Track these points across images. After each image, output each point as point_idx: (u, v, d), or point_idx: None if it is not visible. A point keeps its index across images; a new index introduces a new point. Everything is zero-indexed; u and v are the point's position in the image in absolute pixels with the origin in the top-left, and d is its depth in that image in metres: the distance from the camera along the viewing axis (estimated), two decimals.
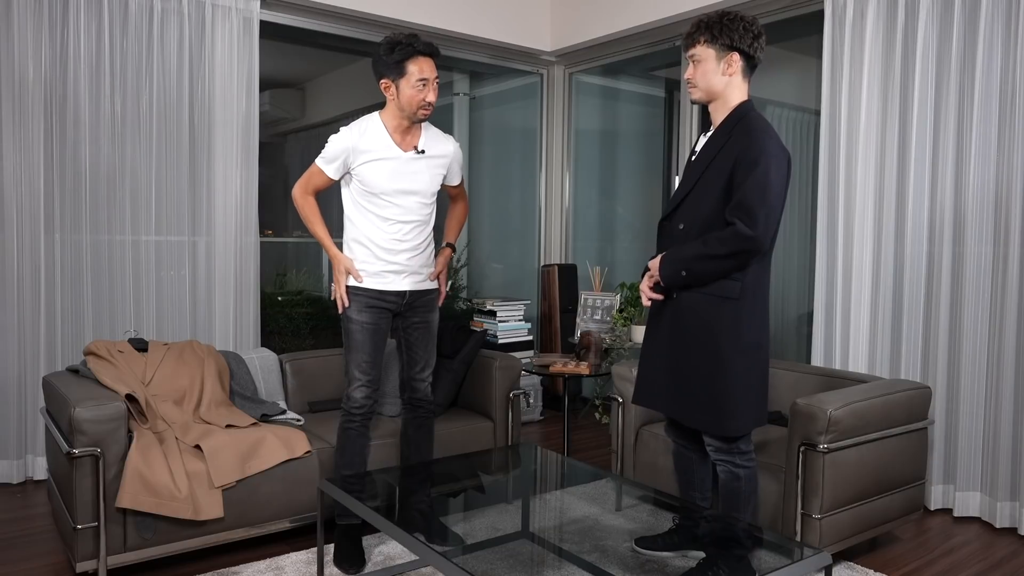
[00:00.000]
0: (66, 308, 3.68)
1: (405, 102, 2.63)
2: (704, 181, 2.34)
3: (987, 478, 3.30)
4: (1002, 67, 3.20)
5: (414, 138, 2.73)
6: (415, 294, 2.80)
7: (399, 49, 2.59)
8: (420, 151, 2.73)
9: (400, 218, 2.71)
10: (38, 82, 3.55)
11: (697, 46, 2.35)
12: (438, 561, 1.87)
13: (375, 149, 2.66)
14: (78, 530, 2.51)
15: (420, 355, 2.88)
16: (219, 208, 4.00)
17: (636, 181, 5.83)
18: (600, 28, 4.92)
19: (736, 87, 2.35)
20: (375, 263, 2.72)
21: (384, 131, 2.69)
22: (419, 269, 2.79)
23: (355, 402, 2.74)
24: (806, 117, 4.99)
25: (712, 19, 2.33)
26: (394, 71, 2.62)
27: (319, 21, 4.34)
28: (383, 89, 2.68)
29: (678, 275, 2.33)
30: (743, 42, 2.31)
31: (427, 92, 2.63)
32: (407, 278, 2.76)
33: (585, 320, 4.87)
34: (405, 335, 2.86)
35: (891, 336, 3.55)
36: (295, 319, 4.44)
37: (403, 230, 2.72)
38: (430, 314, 2.87)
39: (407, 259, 2.74)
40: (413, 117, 2.67)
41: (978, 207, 3.28)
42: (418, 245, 2.77)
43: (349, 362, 2.75)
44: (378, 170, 2.66)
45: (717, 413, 2.32)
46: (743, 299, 2.30)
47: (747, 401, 2.34)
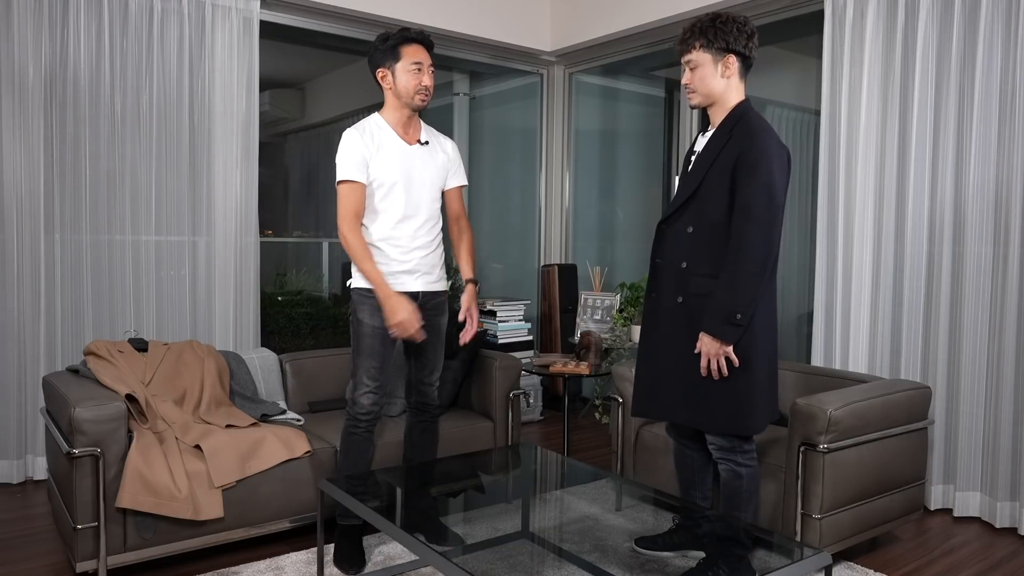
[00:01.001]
0: (66, 308, 3.68)
1: (402, 88, 2.65)
2: (708, 183, 2.34)
3: (987, 478, 3.30)
4: (1002, 67, 3.20)
5: (416, 132, 2.75)
6: (427, 295, 2.76)
7: (393, 37, 2.66)
8: (424, 142, 2.75)
9: (413, 213, 2.69)
10: (38, 82, 3.55)
11: (693, 52, 2.35)
12: (438, 561, 1.87)
13: (384, 144, 2.67)
14: (78, 530, 2.51)
15: (430, 359, 2.86)
16: (219, 208, 4.00)
17: (636, 181, 5.83)
18: (600, 28, 4.92)
19: (734, 88, 2.36)
20: (388, 264, 2.68)
21: (387, 127, 2.70)
22: (431, 269, 2.77)
23: (362, 408, 2.70)
24: (806, 117, 4.99)
25: (705, 23, 2.33)
26: (389, 57, 2.65)
27: (319, 21, 4.34)
28: (380, 80, 2.69)
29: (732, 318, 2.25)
30: (738, 43, 2.32)
31: (423, 76, 2.65)
32: (420, 278, 2.73)
33: (585, 320, 4.87)
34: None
35: (891, 336, 3.55)
36: (295, 319, 4.44)
37: (415, 225, 2.70)
38: (439, 317, 2.85)
39: (421, 257, 2.73)
40: (412, 104, 2.67)
41: (978, 207, 3.28)
42: (430, 243, 2.76)
43: (358, 366, 2.70)
44: (389, 163, 2.66)
45: (735, 414, 2.32)
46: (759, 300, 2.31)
47: (764, 399, 2.36)
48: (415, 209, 2.70)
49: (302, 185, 6.22)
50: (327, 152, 5.27)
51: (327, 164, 3.38)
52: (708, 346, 2.29)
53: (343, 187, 2.63)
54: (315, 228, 5.83)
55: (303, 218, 6.09)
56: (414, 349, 2.85)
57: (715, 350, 2.28)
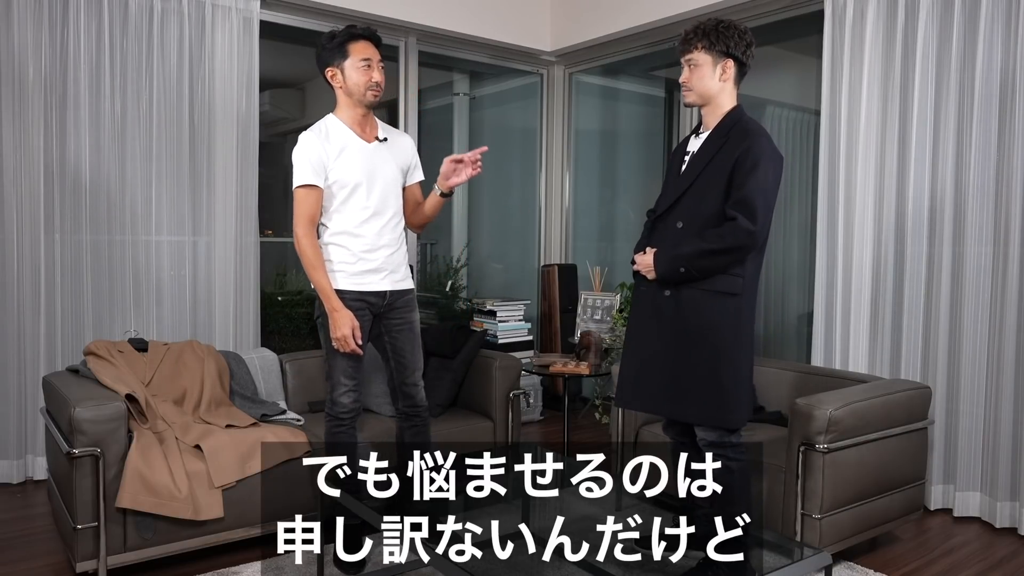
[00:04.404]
0: (66, 308, 3.68)
1: (352, 85, 2.64)
2: (703, 181, 2.40)
3: (987, 478, 3.29)
4: (1002, 67, 3.20)
5: (373, 129, 2.74)
6: (395, 294, 2.76)
7: (339, 34, 2.64)
8: (383, 139, 2.74)
9: (379, 210, 2.68)
10: (38, 82, 3.55)
11: (694, 51, 2.42)
12: (438, 561, 1.87)
13: (341, 143, 2.66)
14: (78, 530, 2.51)
15: (409, 359, 2.82)
16: (219, 208, 3.99)
17: (636, 181, 5.83)
18: (600, 28, 4.92)
19: (728, 92, 2.44)
20: (355, 263, 2.68)
21: (343, 126, 2.69)
22: (396, 267, 2.76)
23: (343, 407, 2.71)
24: (806, 117, 4.99)
25: (709, 26, 2.42)
26: (337, 55, 2.64)
27: (319, 21, 4.33)
28: (330, 79, 2.69)
29: (676, 272, 2.37)
30: (737, 49, 2.40)
31: (373, 72, 2.63)
32: (386, 277, 2.72)
33: (585, 320, 4.87)
34: (390, 340, 2.81)
35: (891, 336, 3.55)
36: (295, 319, 4.44)
37: (381, 223, 2.70)
38: (411, 313, 2.82)
39: (387, 255, 2.72)
40: (364, 100, 2.66)
41: (978, 207, 3.28)
42: (394, 240, 2.75)
43: (333, 367, 2.70)
44: (350, 162, 2.65)
45: (720, 407, 2.37)
46: (744, 294, 2.38)
47: (745, 393, 2.44)
48: (382, 206, 2.69)
49: None
50: None
51: None
52: (646, 259, 2.44)
53: (300, 192, 2.62)
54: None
55: None
56: (392, 351, 2.81)
57: (646, 266, 2.45)
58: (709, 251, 2.32)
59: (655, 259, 2.41)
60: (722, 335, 2.37)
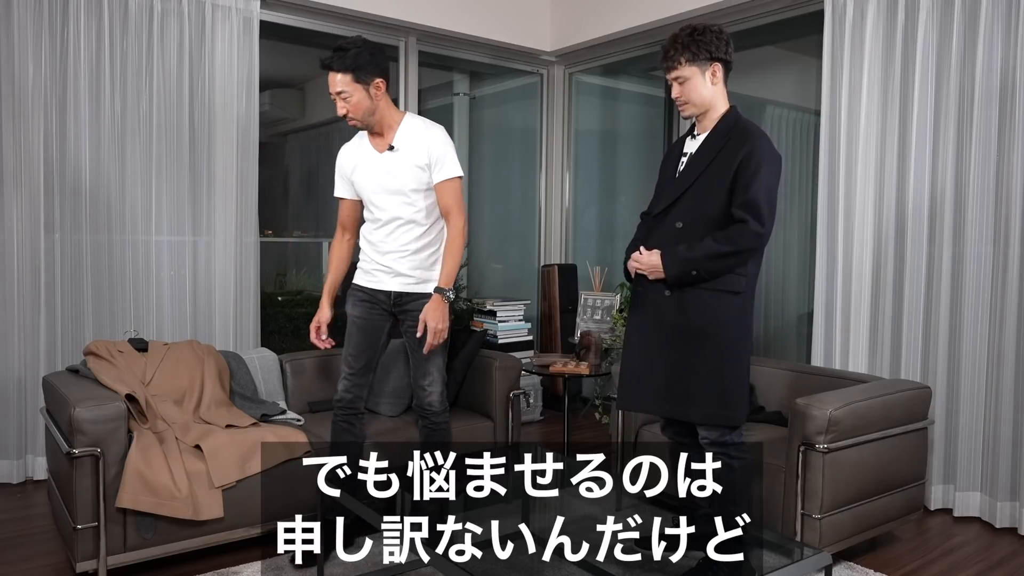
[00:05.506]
0: (66, 308, 3.68)
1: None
2: (703, 182, 2.41)
3: (987, 478, 3.29)
4: (1002, 67, 3.20)
5: (388, 138, 2.76)
6: (404, 296, 2.80)
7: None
8: (391, 148, 2.75)
9: (385, 218, 2.76)
10: (38, 82, 3.55)
11: (679, 67, 2.41)
12: (438, 561, 1.87)
13: (357, 157, 2.80)
14: (78, 530, 2.51)
15: (418, 361, 2.86)
16: (219, 208, 3.99)
17: (636, 181, 5.83)
18: (600, 28, 4.92)
19: (721, 93, 2.46)
20: (368, 263, 2.85)
21: (365, 139, 2.80)
22: (408, 272, 2.78)
23: (337, 394, 2.86)
24: (806, 117, 4.99)
25: (685, 38, 2.40)
26: None
27: (319, 21, 4.33)
28: None
29: (688, 275, 2.36)
30: (719, 50, 2.40)
31: (339, 106, 2.66)
32: (396, 278, 2.79)
33: (585, 320, 4.87)
34: (407, 340, 2.89)
35: (891, 336, 3.55)
36: (295, 319, 4.44)
37: (388, 230, 2.77)
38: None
39: (393, 260, 2.77)
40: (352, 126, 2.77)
41: (978, 207, 3.28)
42: (405, 246, 2.76)
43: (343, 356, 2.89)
44: (362, 176, 2.78)
45: (722, 405, 2.38)
46: (746, 293, 2.40)
47: (745, 389, 2.46)
48: (387, 215, 2.76)
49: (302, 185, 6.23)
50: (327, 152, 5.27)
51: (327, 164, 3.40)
52: (652, 259, 2.40)
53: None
54: (315, 228, 5.83)
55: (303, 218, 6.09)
56: (408, 350, 2.92)
57: (651, 267, 2.41)
58: (721, 254, 2.33)
59: (663, 261, 2.40)
60: (728, 332, 2.38)
